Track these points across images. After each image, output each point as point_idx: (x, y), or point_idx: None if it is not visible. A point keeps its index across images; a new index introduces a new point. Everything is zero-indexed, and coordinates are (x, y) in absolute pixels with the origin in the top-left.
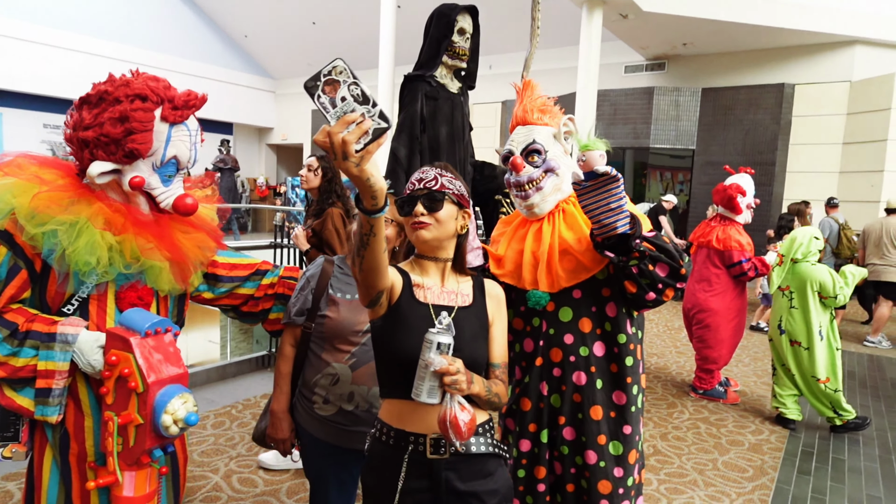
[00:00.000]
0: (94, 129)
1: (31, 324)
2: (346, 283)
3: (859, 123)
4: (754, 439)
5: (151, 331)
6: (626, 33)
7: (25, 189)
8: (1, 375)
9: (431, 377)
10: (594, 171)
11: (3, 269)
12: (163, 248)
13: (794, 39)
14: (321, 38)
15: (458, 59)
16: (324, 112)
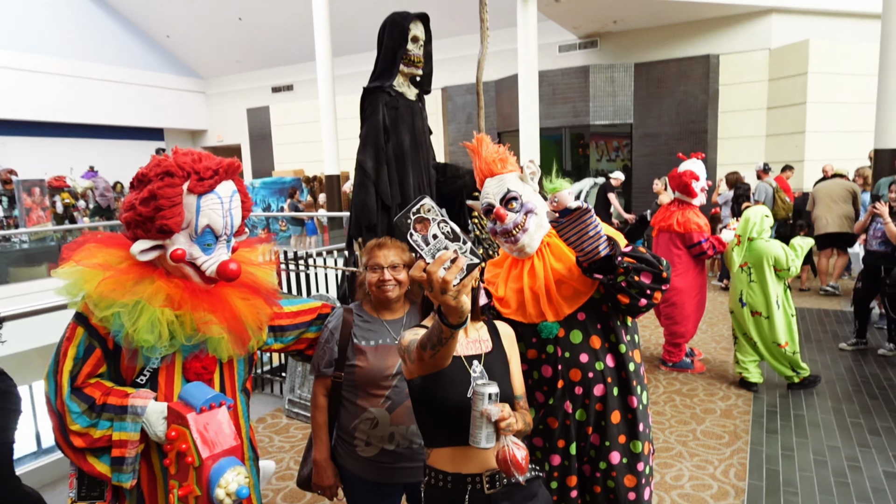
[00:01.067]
0: (131, 210)
1: (107, 397)
2: (368, 330)
3: (780, 89)
4: (724, 405)
5: (206, 406)
6: (558, 14)
7: (93, 276)
8: (81, 445)
9: (487, 425)
10: (567, 207)
11: (80, 349)
12: (220, 318)
13: (715, 12)
14: (249, 33)
15: (413, 67)
16: (418, 249)
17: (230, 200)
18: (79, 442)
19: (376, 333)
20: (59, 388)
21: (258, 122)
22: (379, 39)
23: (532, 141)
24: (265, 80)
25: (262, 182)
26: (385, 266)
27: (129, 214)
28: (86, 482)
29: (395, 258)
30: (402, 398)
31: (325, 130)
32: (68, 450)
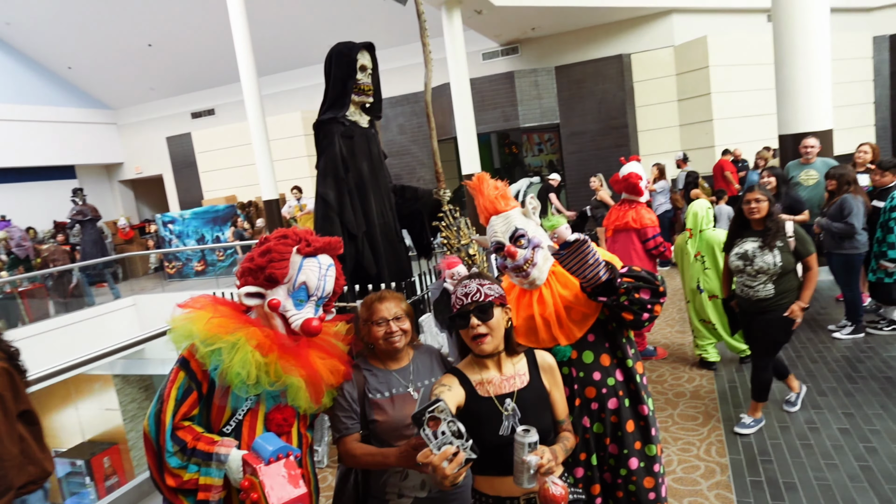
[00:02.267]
0: (250, 261)
1: (197, 442)
2: (380, 382)
3: (687, 82)
4: (691, 387)
5: (274, 457)
6: (480, 25)
7: (201, 317)
8: (172, 485)
9: (528, 470)
10: (566, 241)
11: (181, 390)
12: (301, 367)
13: (622, 14)
14: (160, 59)
15: (364, 95)
16: (427, 441)
17: (327, 269)
18: (171, 481)
19: (389, 385)
20: (162, 426)
21: (180, 150)
22: (326, 71)
23: (471, 147)
24: (183, 106)
25: (193, 212)
26: (390, 319)
27: (246, 264)
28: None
29: (397, 309)
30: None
31: (258, 153)
32: (163, 487)
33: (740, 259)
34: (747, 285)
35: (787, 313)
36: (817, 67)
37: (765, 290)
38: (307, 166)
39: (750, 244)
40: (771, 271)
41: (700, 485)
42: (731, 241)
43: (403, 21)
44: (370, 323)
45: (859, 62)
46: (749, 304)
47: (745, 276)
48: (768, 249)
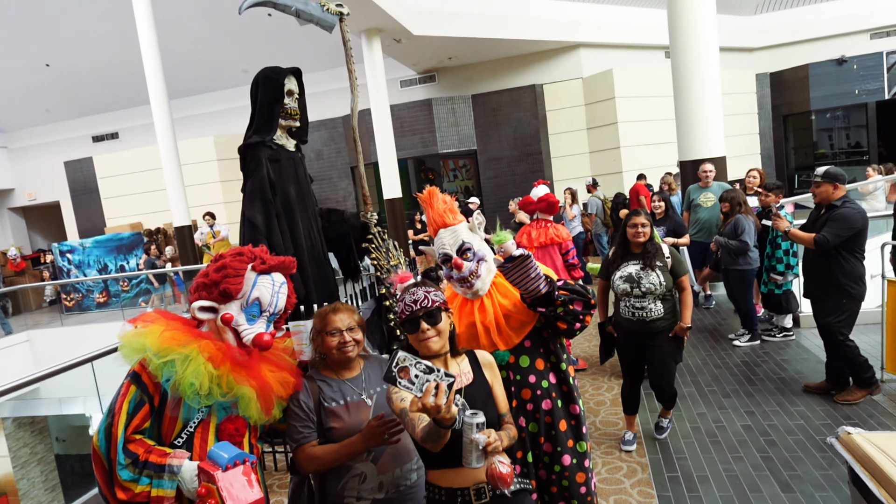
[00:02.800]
0: (204, 276)
1: (149, 455)
2: (334, 391)
3: (595, 112)
4: (610, 396)
5: (231, 464)
6: (398, 53)
7: (153, 331)
8: (123, 498)
9: (477, 449)
10: (511, 255)
11: (132, 403)
12: (252, 379)
13: (534, 47)
14: (60, 80)
15: (291, 119)
16: (408, 390)
17: (280, 286)
18: (121, 495)
19: (343, 393)
20: (113, 439)
21: (80, 175)
22: (252, 95)
23: (392, 172)
24: (84, 129)
25: (95, 241)
26: (343, 329)
27: (199, 280)
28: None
29: (350, 320)
30: (383, 448)
31: (169, 178)
32: (114, 501)
33: (626, 282)
34: (637, 307)
35: (671, 334)
36: (710, 100)
37: (656, 309)
38: (220, 192)
39: (632, 267)
40: (657, 291)
41: (623, 483)
42: (611, 266)
43: (320, 47)
44: (324, 333)
45: (745, 97)
46: (640, 327)
47: (632, 298)
48: (650, 269)
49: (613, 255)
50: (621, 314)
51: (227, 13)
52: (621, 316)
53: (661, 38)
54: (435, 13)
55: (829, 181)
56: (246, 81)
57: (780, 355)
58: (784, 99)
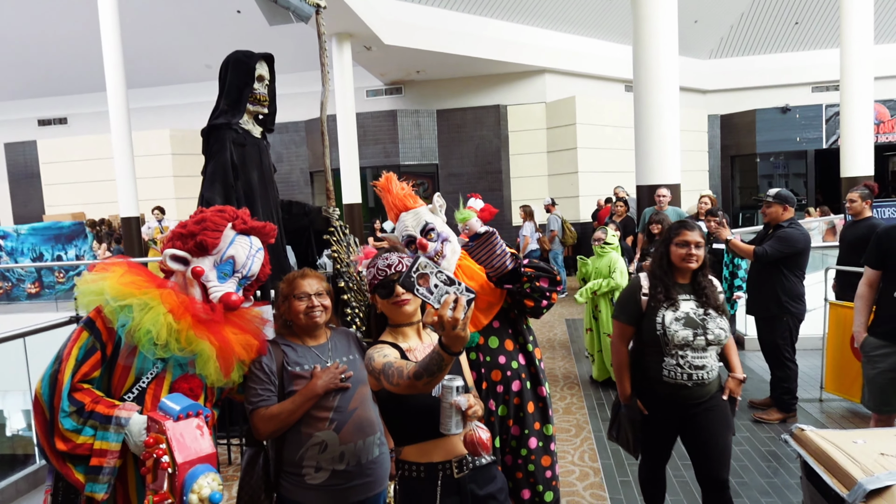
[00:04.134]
0: (182, 227)
1: (96, 405)
2: (299, 356)
3: (556, 136)
4: (563, 404)
5: (184, 414)
6: (367, 61)
7: (115, 273)
8: (63, 449)
9: (457, 413)
10: (477, 233)
11: (83, 350)
12: (213, 338)
13: (501, 68)
14: (9, 58)
15: (259, 105)
16: (426, 300)
17: (256, 251)
18: (61, 445)
19: (308, 359)
20: (58, 386)
21: (21, 159)
22: (221, 77)
23: (353, 178)
24: (30, 111)
25: (31, 228)
26: (311, 293)
27: (176, 230)
28: (60, 499)
29: (318, 286)
30: (346, 416)
31: (120, 168)
32: (51, 453)
33: (687, 326)
34: (697, 365)
35: (725, 394)
36: (668, 130)
37: (714, 365)
38: (172, 187)
39: (688, 304)
40: (722, 342)
41: (576, 486)
42: (655, 301)
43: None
44: (291, 297)
45: (697, 135)
46: (690, 393)
47: (690, 351)
48: (712, 310)
49: (652, 286)
50: (667, 376)
51: (193, 6)
52: (665, 379)
53: (623, 71)
54: (408, 24)
55: (780, 202)
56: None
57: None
58: (732, 140)
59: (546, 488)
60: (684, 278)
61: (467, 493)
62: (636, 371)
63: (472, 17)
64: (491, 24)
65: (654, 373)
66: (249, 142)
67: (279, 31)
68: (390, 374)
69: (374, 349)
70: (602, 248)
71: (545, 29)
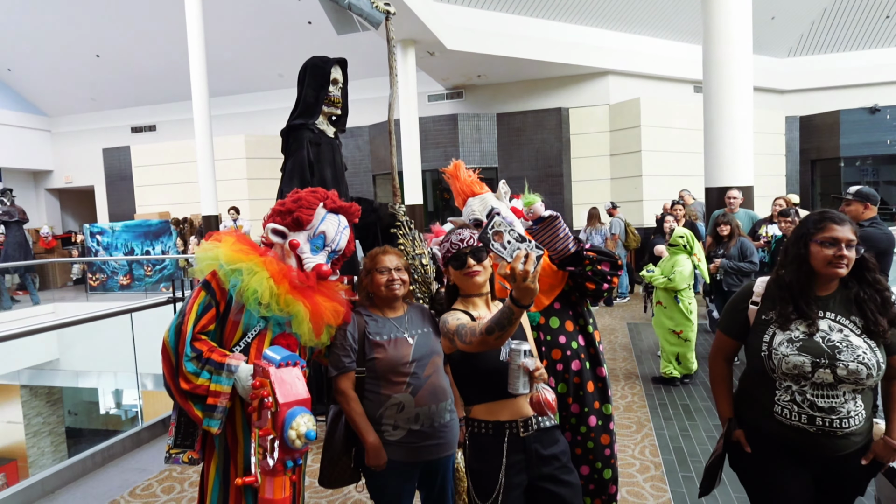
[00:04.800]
0: (280, 205)
1: (211, 353)
2: (379, 326)
3: (619, 139)
4: (624, 402)
5: (284, 363)
6: (430, 66)
7: (226, 243)
8: (185, 388)
9: (524, 374)
10: (541, 216)
11: (202, 306)
12: (306, 302)
13: (563, 71)
14: (107, 71)
15: (333, 107)
16: (499, 254)
17: (343, 228)
18: (184, 385)
19: (387, 329)
20: (183, 334)
21: (116, 163)
22: (300, 81)
23: (415, 181)
24: (124, 120)
25: (125, 225)
26: (391, 268)
27: (276, 208)
28: (181, 431)
29: (398, 262)
30: (422, 382)
31: (202, 171)
32: (176, 391)
33: (804, 352)
34: (822, 406)
35: (866, 459)
36: (740, 130)
37: (855, 410)
38: (246, 189)
39: (826, 324)
40: (869, 377)
41: (636, 478)
42: (766, 313)
43: (353, 58)
44: (373, 271)
45: (773, 137)
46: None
47: (810, 385)
48: (863, 333)
49: (768, 293)
50: (779, 413)
51: (269, 19)
52: (777, 416)
53: (692, 72)
54: (470, 29)
55: (861, 200)
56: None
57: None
58: (813, 143)
59: (605, 465)
60: (826, 289)
61: (532, 452)
62: (746, 395)
63: (534, 20)
64: (553, 26)
65: (763, 404)
66: (324, 141)
67: (345, 40)
68: (464, 334)
69: (448, 314)
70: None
71: (609, 30)
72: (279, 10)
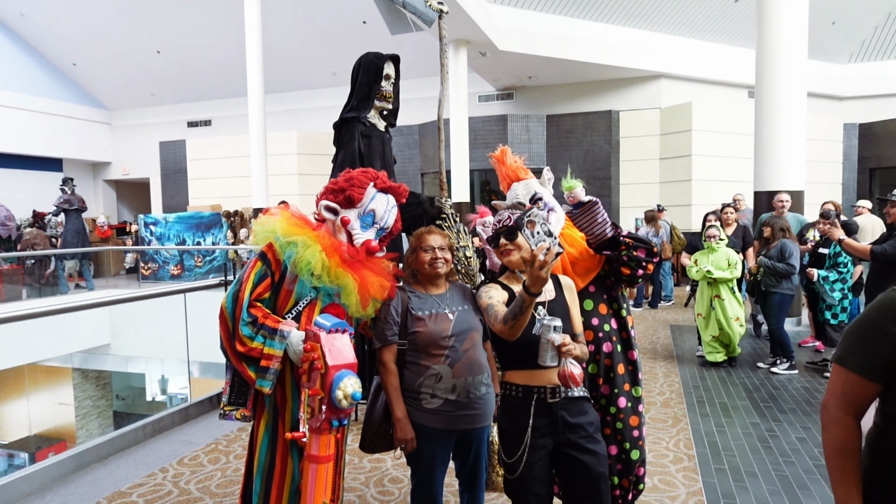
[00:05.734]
0: (333, 184)
1: (266, 319)
2: (422, 302)
3: (670, 142)
4: (661, 399)
5: (334, 329)
6: (481, 67)
7: (282, 217)
8: (241, 350)
9: (552, 348)
10: (581, 201)
11: (258, 275)
12: (355, 275)
13: (614, 74)
14: (166, 66)
15: (384, 101)
16: (527, 239)
17: (392, 206)
18: (240, 347)
19: (429, 305)
20: (240, 301)
21: (172, 156)
22: (353, 76)
23: (463, 179)
24: (181, 115)
25: (178, 216)
26: (436, 247)
27: (329, 186)
28: (235, 390)
29: (442, 241)
30: (459, 355)
31: (255, 165)
32: (231, 353)
33: None
34: None
35: None
36: (792, 135)
37: None
38: (297, 184)
39: None
40: None
41: (669, 468)
42: None
43: (408, 57)
44: (419, 250)
45: (829, 144)
46: None
47: None
48: None
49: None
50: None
51: (324, 18)
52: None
53: (745, 76)
54: (522, 31)
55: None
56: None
57: None
58: (873, 151)
59: (633, 446)
60: None
61: (557, 417)
62: (881, 463)
63: (586, 22)
64: (605, 29)
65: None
66: (375, 134)
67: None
68: (490, 315)
69: (483, 288)
70: (717, 244)
71: (662, 33)
72: (334, 10)
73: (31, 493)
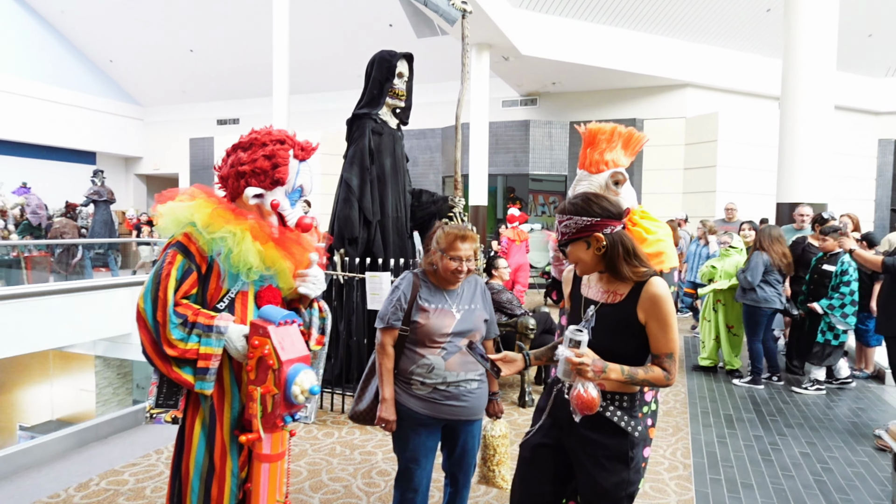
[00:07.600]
0: (250, 164)
1: (197, 317)
2: (431, 294)
3: (694, 152)
4: (665, 408)
5: (283, 321)
6: (505, 72)
7: (201, 206)
8: (173, 354)
9: (565, 362)
10: None
11: (180, 271)
12: (287, 256)
13: (640, 81)
14: (198, 65)
15: (397, 99)
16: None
17: (312, 173)
18: (171, 352)
19: (437, 298)
20: (161, 302)
21: (201, 153)
22: (367, 73)
23: (481, 183)
24: (210, 112)
25: None
26: (464, 258)
27: (246, 167)
28: (164, 392)
29: (471, 251)
30: (455, 350)
31: None
32: (158, 359)
33: None
34: None
35: None
36: (816, 146)
37: None
38: (319, 183)
39: None
40: None
41: (662, 476)
42: None
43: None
44: (447, 255)
45: (863, 160)
46: None
47: None
48: None
49: None
50: None
51: (351, 21)
52: None
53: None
54: (546, 36)
55: None
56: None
57: (856, 403)
58: None
59: None
60: None
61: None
62: None
63: (611, 28)
64: (631, 36)
65: None
66: (386, 131)
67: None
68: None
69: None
70: (727, 251)
71: (689, 42)
72: (361, 13)
73: (29, 466)
